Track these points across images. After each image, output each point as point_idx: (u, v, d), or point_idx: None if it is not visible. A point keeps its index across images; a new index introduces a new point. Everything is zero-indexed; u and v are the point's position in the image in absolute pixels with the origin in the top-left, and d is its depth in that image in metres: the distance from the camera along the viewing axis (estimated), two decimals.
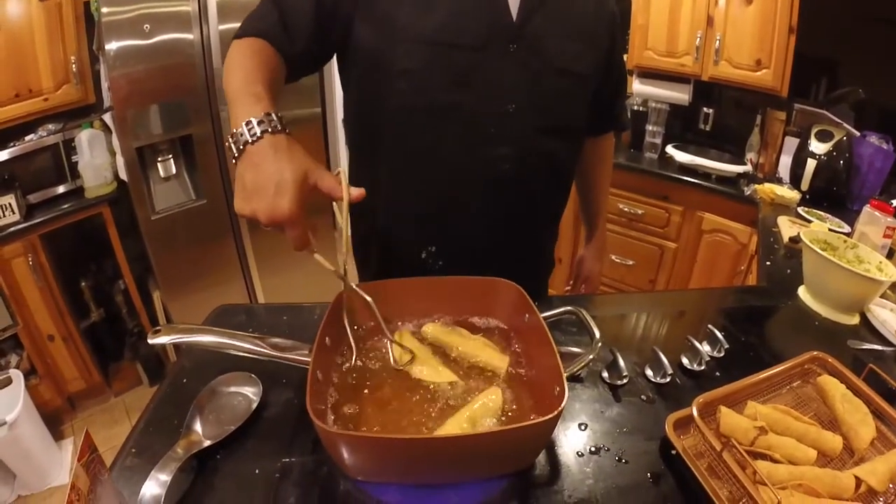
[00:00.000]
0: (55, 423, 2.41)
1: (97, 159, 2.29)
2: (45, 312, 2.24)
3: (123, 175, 2.18)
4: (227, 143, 0.73)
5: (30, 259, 2.12)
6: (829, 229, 1.85)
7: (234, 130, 0.71)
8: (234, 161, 0.71)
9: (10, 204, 2.06)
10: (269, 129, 0.70)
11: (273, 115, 0.72)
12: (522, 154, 1.01)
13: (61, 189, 2.30)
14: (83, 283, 2.50)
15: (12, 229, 2.08)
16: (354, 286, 0.78)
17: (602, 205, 1.46)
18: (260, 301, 2.62)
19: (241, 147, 0.70)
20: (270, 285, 2.62)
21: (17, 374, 2.12)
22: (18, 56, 2.10)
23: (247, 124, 0.70)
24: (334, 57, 1.03)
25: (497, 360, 0.78)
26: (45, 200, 2.26)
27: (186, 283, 2.37)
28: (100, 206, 2.32)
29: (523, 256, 1.16)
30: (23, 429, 2.01)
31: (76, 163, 2.28)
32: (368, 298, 0.77)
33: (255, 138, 0.69)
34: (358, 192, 0.70)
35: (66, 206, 2.25)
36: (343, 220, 0.70)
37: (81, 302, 2.52)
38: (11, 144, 2.15)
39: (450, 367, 0.78)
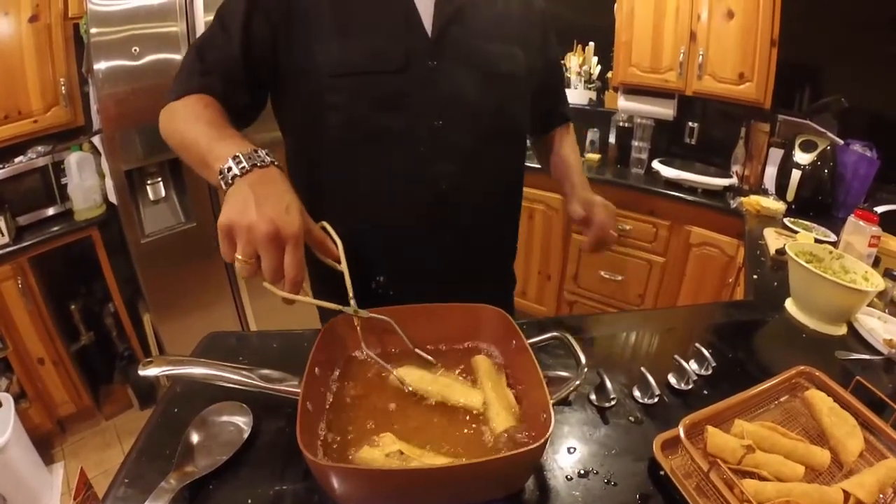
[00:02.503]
0: (45, 446, 2.38)
1: (86, 182, 2.29)
2: (35, 335, 2.22)
3: (113, 198, 2.18)
4: (220, 172, 0.72)
5: (19, 282, 2.11)
6: (816, 239, 1.87)
7: (227, 163, 0.71)
8: (227, 186, 0.71)
9: None
10: (270, 161, 0.72)
11: (263, 151, 0.74)
12: (461, 167, 1.00)
13: (51, 211, 2.30)
14: (73, 306, 2.48)
15: (1, 252, 2.07)
16: (359, 312, 0.80)
17: (577, 169, 1.26)
18: (250, 323, 2.61)
19: (245, 170, 0.70)
20: (260, 307, 2.62)
21: (6, 398, 2.10)
22: (8, 77, 2.11)
23: (245, 156, 0.71)
24: None
25: (471, 397, 0.76)
26: (34, 223, 2.25)
27: (176, 305, 2.36)
28: (89, 228, 2.32)
29: (480, 275, 1.13)
30: (13, 453, 1.99)
31: (65, 185, 2.28)
32: (390, 319, 0.80)
33: (262, 164, 0.71)
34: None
35: (55, 228, 2.25)
36: (343, 265, 0.77)
37: (71, 325, 2.51)
38: (1, 166, 2.15)
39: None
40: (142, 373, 0.71)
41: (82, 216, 2.31)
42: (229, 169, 0.70)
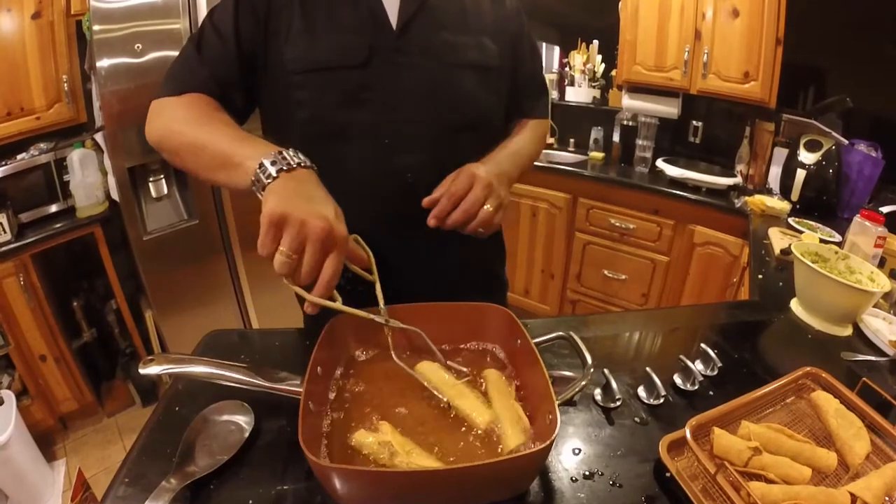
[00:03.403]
0: (47, 443, 2.39)
1: (89, 179, 2.29)
2: (37, 332, 2.22)
3: (115, 195, 2.18)
4: (259, 167, 0.72)
5: (21, 279, 2.11)
6: (820, 239, 1.86)
7: (263, 161, 0.71)
8: (267, 181, 0.71)
9: (1, 223, 2.06)
10: (310, 163, 0.75)
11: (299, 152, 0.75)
12: (426, 158, 0.99)
13: (53, 208, 2.29)
14: (75, 303, 2.48)
15: (4, 249, 2.07)
16: (390, 322, 0.80)
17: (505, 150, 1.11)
18: (252, 320, 2.61)
19: (290, 166, 0.71)
20: (262, 304, 2.61)
21: (8, 395, 2.10)
22: (10, 74, 2.11)
23: (283, 155, 0.72)
24: None
25: (479, 413, 0.73)
26: (36, 220, 2.25)
27: (178, 302, 2.36)
28: (91, 225, 2.31)
29: (458, 276, 1.11)
30: (14, 450, 1.99)
31: (68, 182, 2.28)
32: (418, 330, 0.80)
33: (305, 165, 0.73)
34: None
35: (57, 225, 2.25)
36: (374, 275, 0.81)
37: (73, 322, 2.51)
38: (3, 163, 2.15)
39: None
40: (142, 371, 0.71)
41: (84, 213, 2.31)
42: (273, 162, 0.71)
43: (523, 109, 1.23)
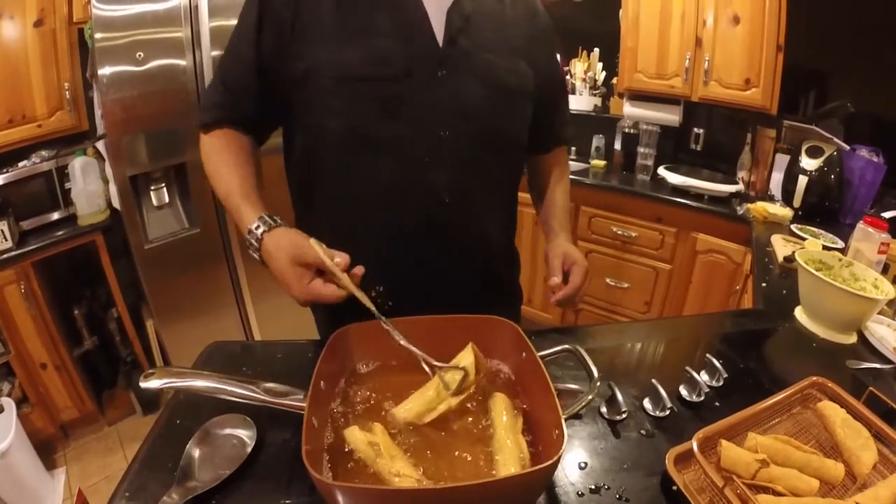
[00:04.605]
0: (48, 451, 2.38)
1: (90, 187, 2.29)
2: (38, 340, 2.21)
3: (116, 203, 2.18)
4: (247, 238, 0.89)
5: (22, 286, 2.11)
6: (823, 246, 1.86)
7: (246, 236, 0.89)
8: (256, 255, 0.89)
9: (2, 231, 2.05)
10: (266, 229, 0.87)
11: (258, 219, 0.88)
12: (462, 179, 0.99)
13: (55, 216, 2.29)
14: (76, 311, 2.48)
15: (5, 256, 2.07)
16: (389, 327, 0.81)
17: (562, 210, 1.26)
18: (254, 328, 2.60)
19: (258, 255, 0.88)
20: (264, 312, 2.61)
21: (8, 403, 2.09)
22: (12, 81, 2.11)
23: (249, 233, 0.88)
24: None
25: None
26: (38, 227, 2.25)
27: (180, 311, 2.35)
28: (93, 233, 2.31)
29: (480, 288, 1.10)
30: (15, 458, 1.98)
31: (69, 190, 2.28)
32: (404, 342, 0.80)
33: (258, 243, 0.87)
34: (343, 259, 0.82)
35: (59, 233, 2.24)
36: (344, 280, 0.81)
37: (74, 329, 2.50)
38: (5, 170, 2.15)
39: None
40: (143, 385, 0.70)
41: (86, 221, 2.31)
42: (250, 243, 0.89)
43: (561, 136, 1.26)
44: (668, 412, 0.86)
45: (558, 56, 1.19)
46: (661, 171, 2.76)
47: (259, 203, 0.93)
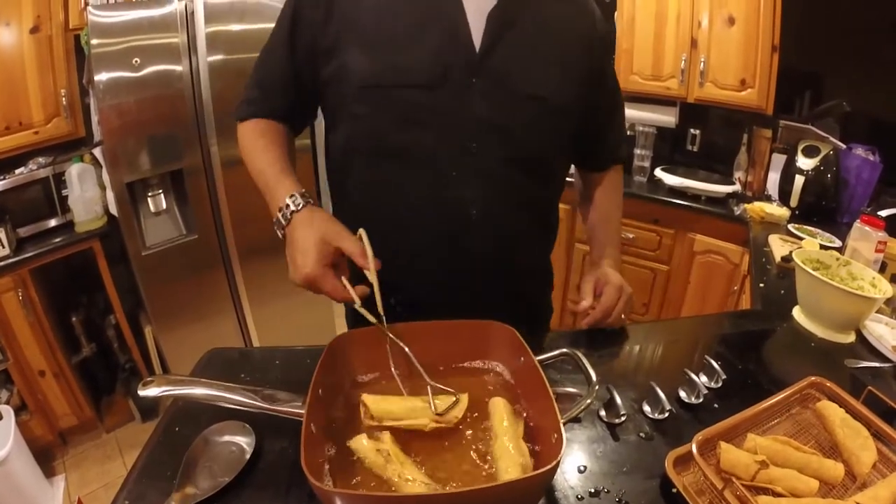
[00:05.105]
0: (47, 458, 2.37)
1: (87, 193, 2.28)
2: (36, 347, 2.21)
3: (114, 210, 2.18)
4: (274, 226, 0.89)
5: (20, 293, 2.10)
6: (821, 245, 1.86)
7: (276, 215, 0.87)
8: (281, 233, 0.88)
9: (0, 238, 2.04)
10: (295, 208, 0.85)
11: (296, 194, 0.86)
12: (491, 194, 0.95)
13: (52, 223, 2.29)
14: (74, 318, 2.47)
15: (2, 263, 2.07)
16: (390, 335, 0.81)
17: (610, 234, 1.25)
18: (252, 334, 2.60)
19: (283, 232, 0.87)
20: (262, 317, 2.60)
21: (7, 410, 2.09)
22: (9, 88, 2.12)
23: (279, 210, 0.86)
24: None
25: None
26: (35, 234, 2.25)
27: (178, 317, 2.35)
28: (90, 240, 2.31)
29: (505, 306, 0.98)
30: (13, 465, 1.98)
31: (66, 197, 2.28)
32: (407, 349, 0.80)
33: (287, 221, 0.85)
34: (377, 263, 0.81)
35: (56, 240, 2.24)
36: (371, 276, 0.80)
37: (72, 336, 2.50)
38: (2, 177, 2.15)
39: None
40: (142, 393, 0.70)
41: (83, 228, 2.30)
42: (278, 220, 0.88)
43: (614, 155, 1.21)
44: (666, 414, 0.86)
45: (613, 69, 1.14)
46: (658, 172, 2.76)
47: (296, 181, 0.91)
